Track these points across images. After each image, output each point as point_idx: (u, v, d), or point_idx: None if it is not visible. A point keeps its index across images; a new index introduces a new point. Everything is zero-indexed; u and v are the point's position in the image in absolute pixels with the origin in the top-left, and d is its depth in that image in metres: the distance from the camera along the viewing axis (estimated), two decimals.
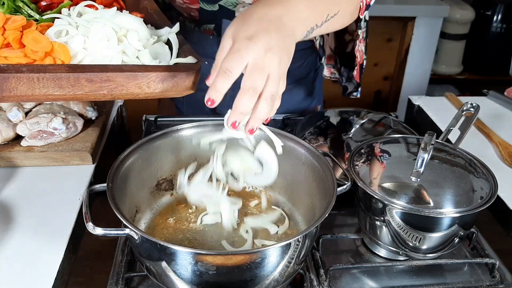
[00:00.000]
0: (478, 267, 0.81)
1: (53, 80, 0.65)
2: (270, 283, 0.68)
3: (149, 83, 0.70)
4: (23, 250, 0.76)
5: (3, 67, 0.64)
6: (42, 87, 0.65)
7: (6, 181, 0.90)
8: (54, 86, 0.66)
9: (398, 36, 2.55)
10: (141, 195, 0.82)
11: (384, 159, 0.82)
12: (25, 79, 0.64)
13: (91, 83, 0.67)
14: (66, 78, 0.66)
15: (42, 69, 0.65)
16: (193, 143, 0.85)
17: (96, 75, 0.67)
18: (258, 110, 0.66)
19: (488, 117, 1.19)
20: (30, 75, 0.64)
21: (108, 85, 0.68)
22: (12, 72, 0.63)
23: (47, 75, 0.65)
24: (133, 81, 0.69)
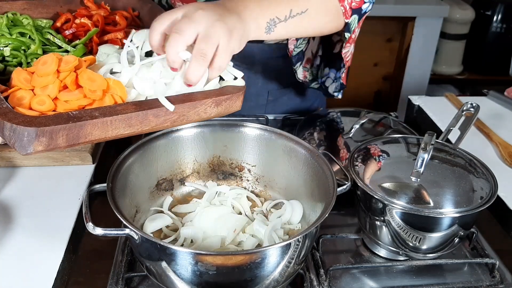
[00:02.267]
0: (478, 267, 0.81)
1: (124, 121, 0.67)
2: (270, 283, 0.68)
3: (206, 109, 0.73)
4: (23, 250, 0.76)
5: (78, 115, 0.65)
6: (114, 128, 0.67)
7: (6, 181, 0.90)
8: (125, 126, 0.68)
9: (398, 36, 2.55)
10: (141, 195, 0.82)
11: (384, 159, 0.83)
12: (99, 124, 0.65)
13: (156, 118, 0.69)
14: (135, 117, 0.68)
15: (113, 112, 0.67)
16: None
17: (161, 110, 0.69)
18: (189, 65, 0.69)
19: (488, 117, 1.19)
20: (104, 120, 0.65)
21: (171, 117, 0.71)
22: (87, 119, 0.64)
23: (119, 117, 0.66)
24: (193, 110, 0.72)
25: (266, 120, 1.17)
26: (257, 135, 0.88)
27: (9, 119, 0.62)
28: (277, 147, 0.86)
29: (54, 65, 0.70)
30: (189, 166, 0.89)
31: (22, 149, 0.62)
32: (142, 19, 1.04)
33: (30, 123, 0.62)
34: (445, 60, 2.91)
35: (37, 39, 0.84)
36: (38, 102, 0.68)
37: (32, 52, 0.83)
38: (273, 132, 0.87)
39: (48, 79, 0.70)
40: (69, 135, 0.64)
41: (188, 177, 0.90)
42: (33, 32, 0.85)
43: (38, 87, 0.70)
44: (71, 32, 0.92)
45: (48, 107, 0.68)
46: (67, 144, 0.64)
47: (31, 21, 0.91)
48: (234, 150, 0.89)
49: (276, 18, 0.78)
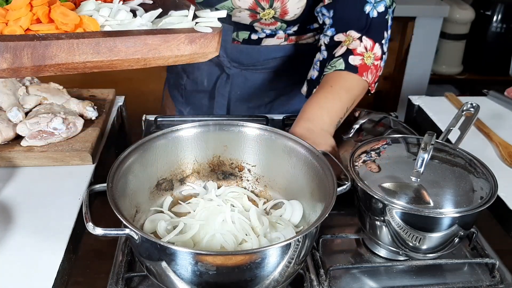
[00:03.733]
0: (478, 267, 0.81)
1: (92, 46, 0.67)
2: (270, 283, 0.68)
3: (179, 45, 0.72)
4: (23, 250, 0.76)
5: (43, 36, 0.65)
6: (81, 53, 0.67)
7: (6, 181, 0.90)
8: (93, 52, 0.67)
9: (398, 36, 2.55)
10: (141, 195, 0.82)
11: (384, 159, 0.82)
12: (65, 45, 0.65)
13: (126, 48, 0.69)
14: (103, 43, 0.67)
15: (80, 35, 0.67)
16: None
17: (131, 39, 0.69)
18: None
19: (488, 117, 1.19)
20: (70, 41, 0.65)
21: (142, 49, 0.70)
22: (52, 39, 0.65)
23: (85, 41, 0.66)
24: (164, 44, 0.71)
25: (266, 120, 1.17)
26: (257, 135, 0.88)
27: None
28: (277, 147, 0.86)
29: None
30: (189, 166, 0.89)
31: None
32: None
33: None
34: (445, 60, 2.91)
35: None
36: (10, 31, 0.69)
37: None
38: (273, 132, 0.87)
39: (20, 12, 0.70)
40: (34, 54, 0.64)
41: (188, 177, 0.90)
42: None
43: (11, 19, 0.70)
44: None
45: None
46: (33, 64, 0.64)
47: None
48: (234, 150, 0.89)
49: (340, 119, 0.99)
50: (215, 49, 0.76)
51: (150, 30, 0.73)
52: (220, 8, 1.08)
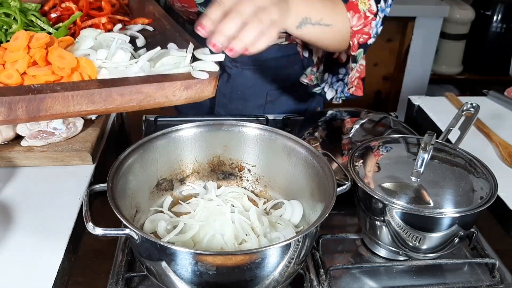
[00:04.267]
0: (478, 267, 0.81)
1: (87, 97, 0.67)
2: (270, 283, 0.68)
3: (174, 91, 0.72)
4: (23, 250, 0.76)
5: (39, 88, 0.65)
6: (76, 104, 0.67)
7: (6, 181, 0.90)
8: (88, 102, 0.67)
9: (398, 36, 2.55)
10: (141, 195, 0.82)
11: (384, 159, 0.83)
12: (60, 98, 0.65)
13: (121, 97, 0.69)
14: (98, 94, 0.67)
15: (75, 87, 0.67)
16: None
17: (126, 89, 0.69)
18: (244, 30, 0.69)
19: (488, 117, 1.19)
20: (65, 94, 0.65)
21: (137, 97, 0.70)
22: (47, 92, 0.65)
23: (80, 92, 0.66)
24: (160, 91, 0.71)
25: (266, 120, 1.17)
26: (257, 135, 0.88)
27: None
28: (277, 147, 0.86)
29: (25, 40, 0.71)
30: (189, 166, 0.89)
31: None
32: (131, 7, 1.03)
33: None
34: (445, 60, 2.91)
35: (19, 19, 0.85)
36: (6, 75, 0.69)
37: (13, 31, 0.83)
38: (273, 132, 0.87)
39: (18, 54, 0.71)
40: (29, 107, 0.64)
41: (188, 177, 0.90)
42: (17, 13, 0.86)
43: (8, 61, 0.71)
44: (56, 16, 0.93)
45: (15, 81, 0.69)
46: (27, 116, 0.64)
47: (18, 4, 0.91)
48: (234, 150, 0.89)
49: (309, 18, 0.85)
50: (211, 93, 0.77)
51: (146, 77, 0.72)
52: None
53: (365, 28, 0.97)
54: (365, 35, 0.98)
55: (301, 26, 0.85)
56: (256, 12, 0.70)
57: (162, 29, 0.93)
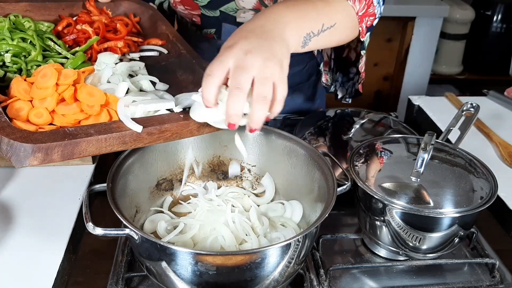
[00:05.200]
0: (478, 267, 0.81)
1: (119, 138, 0.69)
2: (270, 283, 0.68)
3: (199, 128, 0.74)
4: (23, 250, 0.76)
5: (74, 132, 0.67)
6: (108, 145, 0.68)
7: (6, 181, 0.90)
8: (119, 143, 0.69)
9: (398, 36, 2.55)
10: (141, 195, 0.82)
11: (384, 159, 0.83)
12: (94, 141, 0.67)
13: (150, 136, 0.71)
14: (129, 135, 0.69)
15: (108, 130, 0.68)
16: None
17: (155, 129, 0.71)
18: (252, 111, 0.67)
19: (488, 117, 1.19)
20: (98, 137, 0.67)
21: (164, 135, 0.72)
22: (82, 136, 0.66)
23: (113, 135, 0.68)
24: (186, 128, 0.73)
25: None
26: (257, 135, 0.88)
27: (7, 134, 0.63)
28: (277, 147, 0.86)
29: (54, 78, 0.71)
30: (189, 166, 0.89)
31: (18, 163, 0.64)
32: (142, 25, 1.04)
33: (27, 139, 0.63)
34: (445, 60, 2.91)
35: (38, 45, 0.85)
36: (36, 114, 0.70)
37: (32, 59, 0.84)
38: (273, 132, 0.87)
39: (47, 92, 0.71)
40: (64, 151, 0.65)
41: (188, 177, 0.90)
42: (35, 38, 0.85)
43: (36, 99, 0.71)
44: (72, 38, 0.93)
45: (45, 120, 0.70)
46: (62, 159, 0.66)
47: (32, 25, 0.91)
48: (234, 150, 0.89)
49: (311, 33, 0.80)
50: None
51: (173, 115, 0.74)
52: (224, 9, 1.08)
53: (369, 9, 0.92)
54: (371, 16, 0.94)
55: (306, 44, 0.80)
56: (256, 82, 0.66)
57: (177, 53, 0.93)
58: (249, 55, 0.66)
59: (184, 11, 1.12)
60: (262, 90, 0.66)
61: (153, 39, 0.98)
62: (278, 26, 0.74)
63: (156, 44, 0.98)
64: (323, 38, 0.83)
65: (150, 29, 1.03)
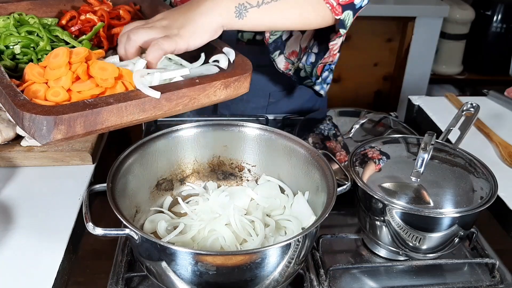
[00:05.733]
0: (478, 267, 0.81)
1: (138, 106, 0.69)
2: (270, 283, 0.68)
3: (215, 91, 0.75)
4: (23, 250, 0.76)
5: (93, 103, 0.67)
6: (129, 114, 0.69)
7: (6, 181, 0.90)
8: (139, 111, 0.70)
9: (398, 36, 2.55)
10: (141, 195, 0.82)
11: (384, 159, 0.82)
12: (115, 110, 0.67)
13: (169, 102, 0.72)
14: (148, 102, 0.70)
15: (127, 97, 0.69)
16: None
17: (173, 94, 0.72)
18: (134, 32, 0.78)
19: (488, 117, 1.19)
20: (119, 105, 0.68)
21: (182, 101, 0.73)
22: (103, 105, 0.67)
23: (133, 102, 0.69)
24: (203, 93, 0.74)
25: (266, 120, 1.17)
26: (257, 135, 0.88)
27: (27, 110, 0.64)
28: (277, 147, 0.86)
29: (66, 57, 0.72)
30: (189, 166, 0.89)
31: (41, 138, 0.64)
32: (144, 12, 1.04)
33: (48, 112, 0.64)
34: (445, 60, 2.91)
35: (45, 36, 0.86)
36: (53, 93, 0.70)
37: (41, 49, 0.85)
38: (273, 132, 0.87)
39: (60, 71, 0.72)
40: (86, 122, 0.66)
41: (188, 177, 0.90)
42: (41, 29, 0.86)
43: (51, 79, 0.72)
44: (77, 29, 0.93)
45: (62, 98, 0.70)
46: (85, 131, 0.66)
47: (37, 20, 0.92)
48: (234, 150, 0.89)
49: (246, 3, 0.78)
50: (247, 88, 0.79)
51: (189, 81, 0.74)
52: None
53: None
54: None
55: (242, 15, 0.77)
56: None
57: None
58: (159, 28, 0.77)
59: None
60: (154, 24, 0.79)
61: None
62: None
63: None
64: (268, 12, 0.81)
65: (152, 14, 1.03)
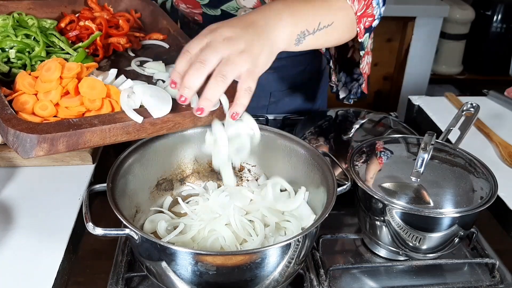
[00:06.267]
0: (478, 267, 0.81)
1: (122, 128, 0.70)
2: (270, 283, 0.68)
3: (201, 117, 0.75)
4: (23, 250, 0.76)
5: (78, 123, 0.68)
6: (112, 135, 0.70)
7: (6, 181, 0.90)
8: (123, 133, 0.71)
9: (398, 36, 2.55)
10: (141, 195, 0.82)
11: (384, 159, 0.83)
12: (98, 132, 0.69)
13: (153, 126, 0.73)
14: (133, 125, 0.71)
15: (112, 120, 0.70)
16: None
17: (158, 119, 0.72)
18: (207, 86, 0.66)
19: (488, 117, 1.19)
20: (102, 128, 0.69)
21: (167, 125, 0.74)
22: (86, 126, 0.68)
23: (117, 125, 0.70)
24: (188, 118, 0.75)
25: (266, 120, 1.17)
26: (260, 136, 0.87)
27: (13, 125, 0.65)
28: (277, 147, 0.86)
29: (58, 72, 0.73)
30: (189, 166, 0.89)
31: (24, 153, 0.65)
32: (144, 21, 1.04)
33: (32, 130, 0.65)
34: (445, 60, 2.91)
35: (41, 42, 0.86)
36: (41, 107, 0.71)
37: (36, 55, 0.85)
38: (273, 132, 0.87)
39: (51, 85, 0.73)
40: (69, 142, 0.67)
41: (188, 177, 0.90)
42: (38, 34, 0.86)
43: (41, 92, 0.73)
44: (74, 34, 0.94)
45: (50, 113, 0.71)
46: (67, 149, 0.68)
47: (36, 22, 0.92)
48: None
49: (306, 31, 0.79)
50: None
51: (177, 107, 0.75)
52: (225, 8, 1.08)
53: (368, 10, 0.91)
54: (369, 17, 0.92)
55: (300, 42, 0.79)
56: (223, 61, 0.66)
57: (178, 46, 0.94)
58: (226, 41, 0.66)
59: (186, 9, 1.12)
60: (223, 69, 0.65)
61: (154, 33, 0.98)
62: (270, 23, 0.73)
63: (158, 38, 0.98)
64: (319, 37, 0.82)
65: (152, 24, 1.04)
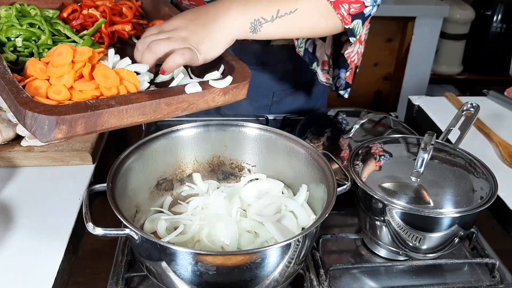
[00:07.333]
0: (478, 267, 0.81)
1: (138, 109, 0.71)
2: (270, 283, 0.68)
3: (214, 97, 0.77)
4: (23, 250, 0.76)
5: (95, 104, 0.68)
6: (129, 116, 0.70)
7: (6, 181, 0.90)
8: (139, 114, 0.71)
9: (398, 36, 2.55)
10: (141, 195, 0.82)
11: (384, 159, 0.83)
12: (115, 112, 0.69)
13: (169, 106, 0.73)
14: (149, 106, 0.71)
15: (128, 101, 0.70)
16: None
17: (173, 99, 0.73)
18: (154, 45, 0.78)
19: (488, 117, 1.19)
20: (120, 108, 0.69)
21: (182, 106, 0.75)
22: (104, 107, 0.68)
23: (133, 106, 0.70)
24: (202, 98, 0.76)
25: (266, 120, 1.17)
26: (257, 135, 0.88)
27: (30, 108, 0.64)
28: (277, 147, 0.86)
29: (70, 56, 0.73)
30: (189, 166, 0.89)
31: (42, 136, 0.65)
32: (145, 8, 1.04)
33: (50, 111, 0.64)
34: (445, 60, 2.91)
35: (47, 30, 0.86)
36: (55, 91, 0.71)
37: (43, 43, 0.85)
38: (273, 132, 0.87)
39: (63, 69, 0.72)
40: (88, 123, 0.67)
41: (188, 177, 0.90)
42: (43, 23, 0.86)
43: (53, 77, 0.72)
44: (78, 23, 0.93)
45: (64, 96, 0.71)
46: (85, 131, 0.67)
47: (38, 12, 0.92)
48: (234, 150, 0.89)
49: (261, 19, 0.81)
50: (244, 95, 0.80)
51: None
52: None
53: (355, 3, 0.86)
54: (354, 3, 0.87)
55: (256, 29, 0.81)
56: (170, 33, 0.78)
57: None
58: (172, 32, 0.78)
59: (189, 6, 1.12)
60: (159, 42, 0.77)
61: (157, 20, 0.98)
62: (219, 14, 0.78)
63: None
64: (282, 25, 0.83)
65: (153, 12, 1.04)
